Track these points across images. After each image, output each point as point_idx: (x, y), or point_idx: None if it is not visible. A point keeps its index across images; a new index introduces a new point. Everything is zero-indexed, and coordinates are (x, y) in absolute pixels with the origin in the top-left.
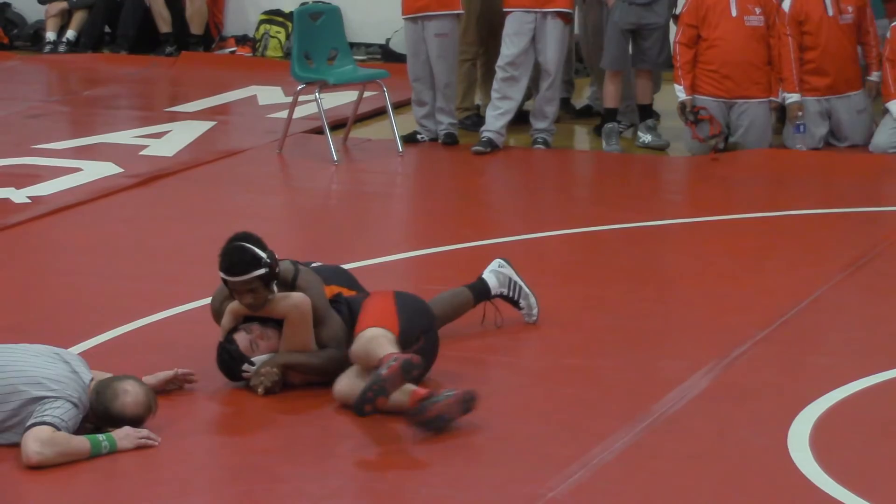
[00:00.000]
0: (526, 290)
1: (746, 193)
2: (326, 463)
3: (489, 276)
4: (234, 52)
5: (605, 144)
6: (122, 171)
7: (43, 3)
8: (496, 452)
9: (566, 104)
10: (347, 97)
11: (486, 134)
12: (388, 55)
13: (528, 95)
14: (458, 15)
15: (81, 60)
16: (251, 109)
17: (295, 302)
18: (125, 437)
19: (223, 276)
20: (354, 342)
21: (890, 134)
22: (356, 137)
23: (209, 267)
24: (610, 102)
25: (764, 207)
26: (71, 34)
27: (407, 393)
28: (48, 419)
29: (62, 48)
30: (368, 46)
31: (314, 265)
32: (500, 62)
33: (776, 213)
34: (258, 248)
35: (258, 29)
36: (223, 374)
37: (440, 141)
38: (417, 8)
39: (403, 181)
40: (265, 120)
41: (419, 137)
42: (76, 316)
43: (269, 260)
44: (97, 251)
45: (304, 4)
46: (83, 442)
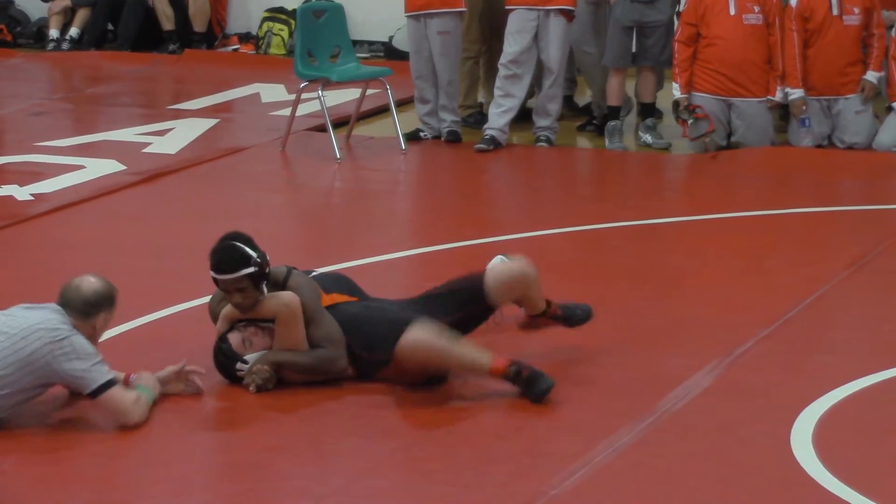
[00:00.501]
0: None
1: (748, 192)
2: (328, 461)
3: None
4: (237, 49)
5: (608, 142)
6: (124, 168)
7: (46, 0)
8: (499, 450)
9: (569, 102)
10: (350, 95)
11: (488, 131)
12: (390, 53)
13: (530, 93)
14: (460, 12)
15: (84, 58)
16: (254, 107)
17: (285, 300)
18: (154, 384)
19: (213, 274)
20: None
21: (894, 133)
22: (359, 135)
23: None
24: (612, 100)
25: (766, 206)
26: (74, 32)
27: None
28: (111, 378)
29: (65, 46)
30: (371, 44)
31: (314, 273)
32: (502, 60)
33: (778, 211)
34: (248, 247)
35: (261, 26)
36: (220, 373)
37: (443, 139)
38: (420, 5)
39: (406, 179)
40: (268, 117)
41: (422, 135)
42: None
43: (258, 259)
44: (100, 249)
45: (307, 2)
46: (147, 395)
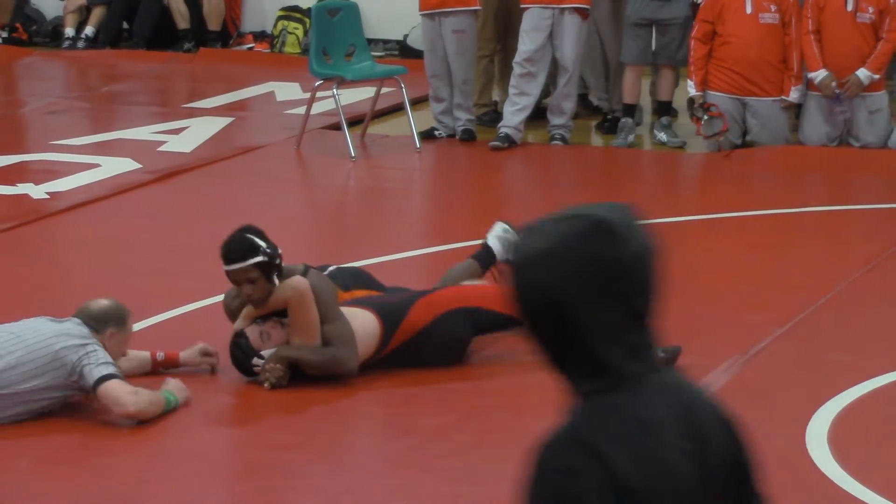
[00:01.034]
0: None
1: (763, 190)
2: (343, 459)
3: (493, 241)
4: (251, 48)
5: (616, 139)
6: (140, 166)
7: None
8: (512, 448)
9: (583, 100)
10: (365, 93)
11: (503, 130)
12: (405, 51)
13: (545, 92)
14: (475, 11)
15: (100, 57)
16: (269, 105)
17: (293, 284)
18: (180, 389)
19: (224, 267)
20: None
21: None
22: (374, 134)
23: None
24: (627, 98)
25: (781, 204)
26: (90, 30)
27: None
28: (113, 371)
29: (81, 44)
30: (386, 43)
31: (331, 269)
32: (517, 58)
33: (794, 209)
34: (259, 238)
35: (276, 25)
36: (237, 369)
37: (458, 137)
38: (435, 4)
39: (421, 177)
40: (283, 116)
41: (437, 134)
42: None
43: (268, 249)
44: (115, 247)
45: (322, 0)
46: (159, 394)
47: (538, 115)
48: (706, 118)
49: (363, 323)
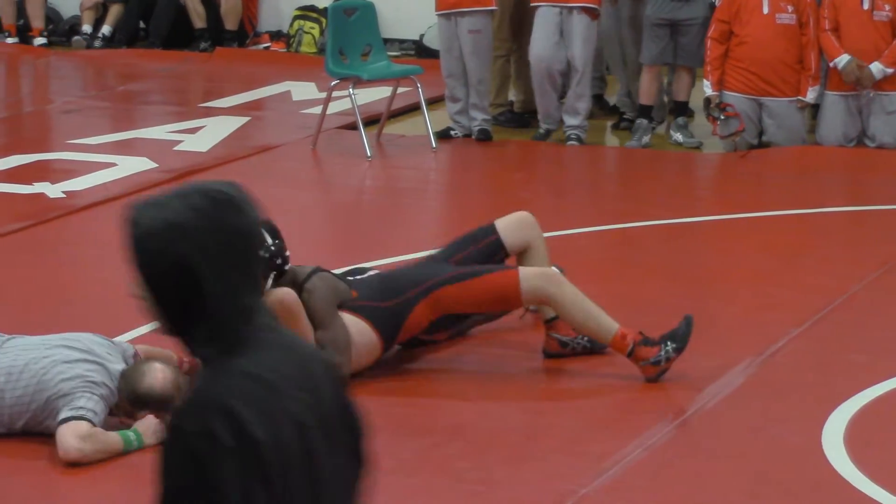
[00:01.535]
0: None
1: (779, 191)
2: None
3: None
4: (268, 47)
5: (631, 140)
6: (156, 166)
7: None
8: (530, 449)
9: (599, 100)
10: (381, 93)
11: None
12: (421, 51)
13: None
14: (491, 11)
15: (116, 56)
16: (285, 105)
17: (279, 296)
18: (153, 432)
19: None
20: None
21: None
22: (390, 133)
23: None
24: (644, 98)
25: (797, 204)
26: (106, 29)
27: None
28: (84, 413)
29: (97, 43)
30: (402, 42)
31: (369, 273)
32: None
33: (809, 210)
34: (269, 234)
35: (292, 25)
36: None
37: (473, 137)
38: (451, 4)
39: (437, 177)
40: (299, 116)
41: (453, 133)
42: (110, 311)
43: (272, 248)
44: None
45: (338, 0)
46: (116, 438)
47: (536, 114)
48: (722, 118)
49: (360, 333)
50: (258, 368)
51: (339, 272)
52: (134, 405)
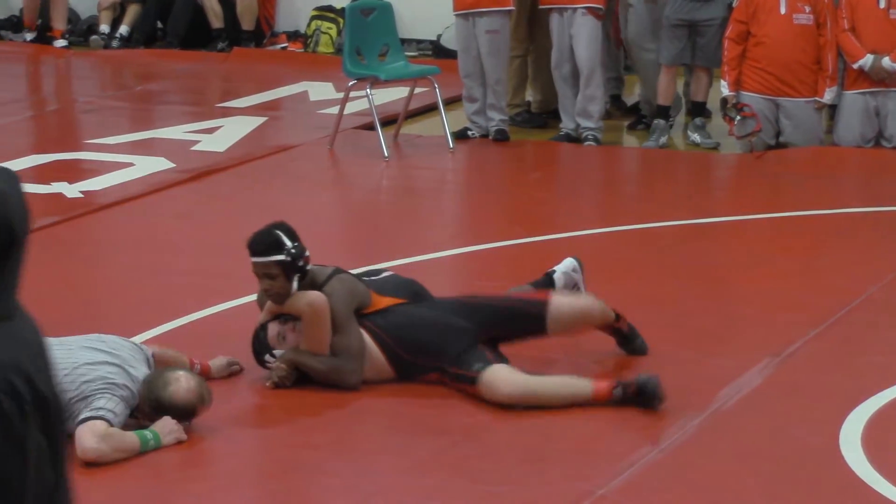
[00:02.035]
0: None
1: (796, 191)
2: (374, 459)
3: (559, 276)
4: (285, 47)
5: (648, 140)
6: (173, 166)
7: None
8: (547, 449)
9: (616, 101)
10: (398, 93)
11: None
12: (439, 51)
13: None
14: (508, 11)
15: (134, 56)
16: (302, 105)
17: (309, 300)
18: (169, 432)
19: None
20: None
21: None
22: (407, 134)
23: None
24: (661, 99)
25: (814, 205)
26: (124, 29)
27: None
28: (103, 413)
29: (115, 43)
30: (420, 42)
31: (385, 275)
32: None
33: (826, 211)
34: (287, 236)
35: (310, 25)
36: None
37: (491, 137)
38: (468, 4)
39: (454, 178)
40: (316, 116)
41: (470, 134)
42: (127, 311)
43: (292, 250)
44: (148, 246)
45: (355, 0)
46: (134, 438)
47: (554, 115)
48: (739, 118)
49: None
50: (25, 334)
51: (354, 273)
52: (156, 411)
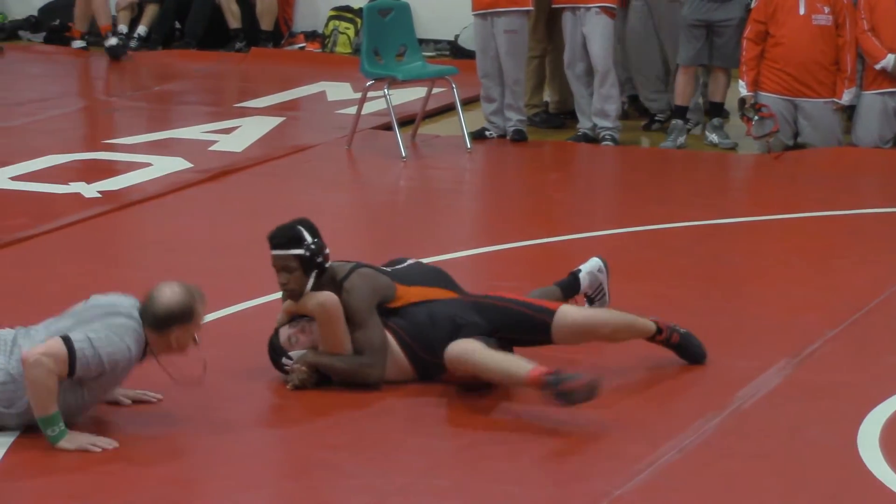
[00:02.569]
0: (606, 299)
1: (814, 192)
2: (392, 459)
3: (584, 275)
4: (303, 48)
5: (666, 140)
6: (191, 166)
7: None
8: (563, 450)
9: (634, 101)
10: (416, 93)
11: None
12: (456, 51)
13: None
14: (527, 11)
15: (152, 56)
16: (320, 105)
17: (320, 300)
18: (72, 438)
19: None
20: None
21: None
22: (424, 134)
23: None
24: (679, 100)
25: (832, 206)
26: (142, 30)
27: (522, 369)
28: (76, 342)
29: (133, 44)
30: (437, 43)
31: (408, 262)
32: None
33: (844, 211)
34: (308, 232)
35: (327, 25)
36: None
37: (509, 138)
38: (487, 4)
39: (472, 178)
40: (334, 116)
41: (487, 134)
42: None
43: (312, 245)
44: (166, 246)
45: (373, 0)
46: (52, 405)
47: (571, 115)
48: (757, 119)
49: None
50: None
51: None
52: (162, 329)
